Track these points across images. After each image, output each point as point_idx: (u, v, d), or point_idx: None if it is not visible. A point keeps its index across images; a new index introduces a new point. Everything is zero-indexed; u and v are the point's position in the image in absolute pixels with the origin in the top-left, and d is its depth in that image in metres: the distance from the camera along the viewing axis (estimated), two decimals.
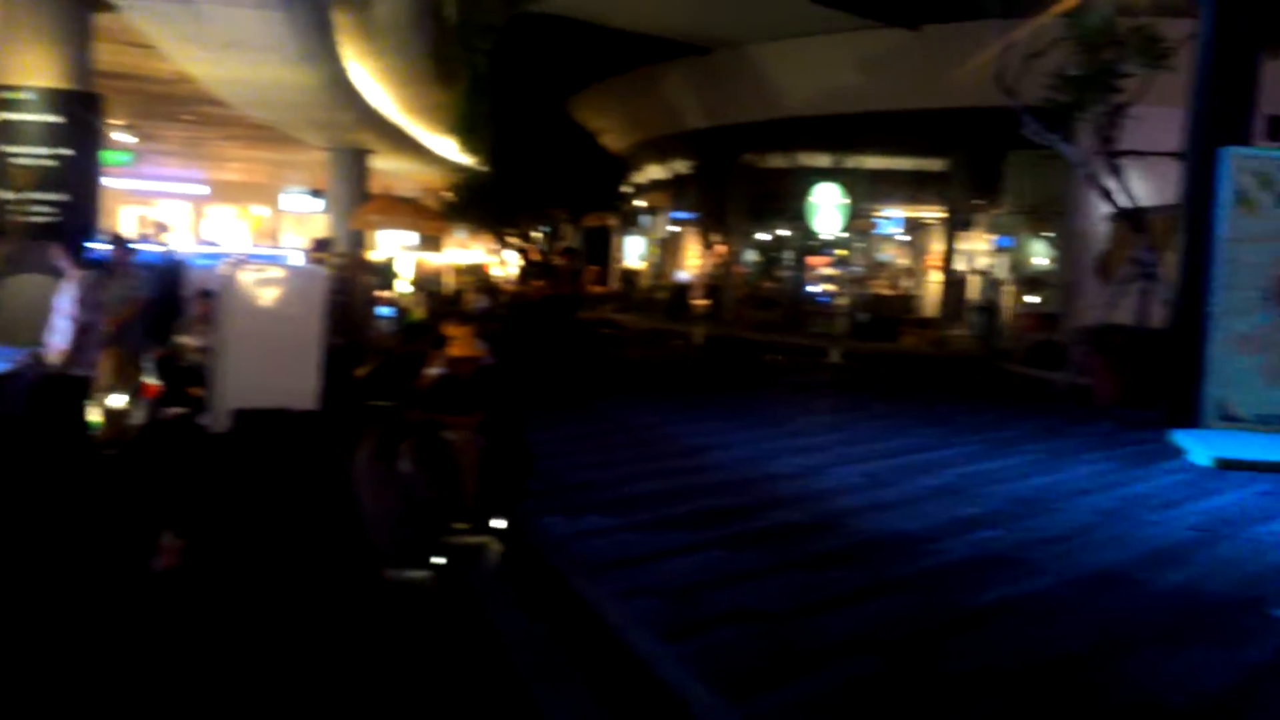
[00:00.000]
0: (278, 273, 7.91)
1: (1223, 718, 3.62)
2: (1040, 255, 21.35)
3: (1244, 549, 5.76)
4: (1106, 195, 12.38)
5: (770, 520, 6.16)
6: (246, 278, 7.58)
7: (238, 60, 16.08)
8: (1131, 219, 12.40)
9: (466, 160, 27.07)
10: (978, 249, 22.10)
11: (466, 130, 24.53)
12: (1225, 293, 9.42)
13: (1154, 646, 4.25)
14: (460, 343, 6.46)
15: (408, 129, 25.60)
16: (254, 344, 7.36)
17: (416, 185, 34.56)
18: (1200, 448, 8.49)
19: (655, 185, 27.62)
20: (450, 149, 27.48)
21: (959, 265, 21.73)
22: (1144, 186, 14.16)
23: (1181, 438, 9.04)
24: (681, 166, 25.50)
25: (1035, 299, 20.22)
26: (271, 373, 7.26)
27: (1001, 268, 21.62)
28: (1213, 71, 9.73)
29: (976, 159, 20.06)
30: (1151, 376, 10.68)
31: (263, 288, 7.53)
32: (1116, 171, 12.29)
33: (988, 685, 3.81)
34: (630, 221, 30.13)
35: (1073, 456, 8.56)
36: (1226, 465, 8.11)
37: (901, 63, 18.73)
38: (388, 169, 31.18)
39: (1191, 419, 9.54)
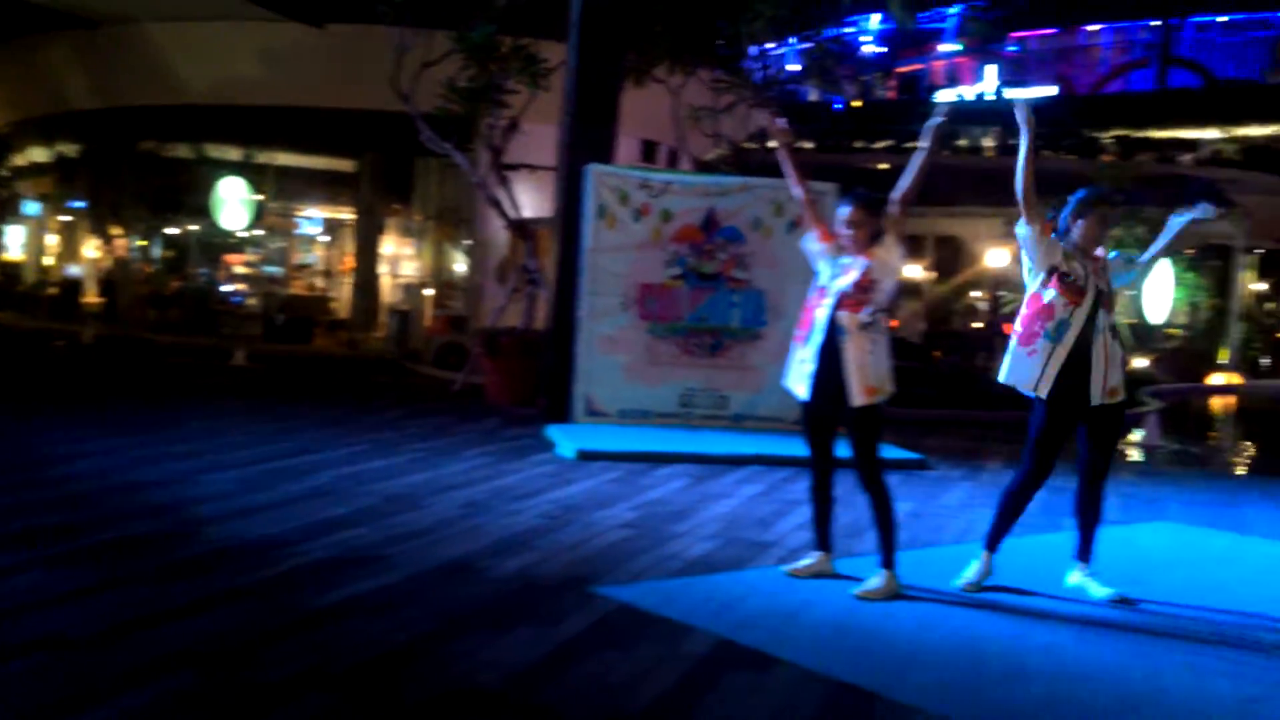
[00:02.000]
0: None
1: (524, 689, 3.86)
2: (453, 260, 22.15)
3: (582, 533, 6.28)
4: (496, 205, 13.08)
5: (117, 533, 5.68)
6: None
7: None
8: (519, 228, 13.21)
9: None
10: (393, 252, 22.44)
11: None
12: (591, 298, 10.32)
13: (481, 631, 4.45)
14: None
15: None
16: None
17: None
18: (567, 441, 9.19)
19: (41, 169, 24.81)
20: None
21: (375, 267, 21.90)
22: (535, 198, 15.18)
23: (553, 432, 9.75)
24: (70, 150, 23.13)
25: (450, 302, 20.93)
26: None
27: (416, 271, 22.13)
28: (579, 94, 10.62)
29: (387, 162, 20.33)
30: (535, 375, 11.44)
31: None
32: (506, 183, 13.03)
33: (310, 686, 3.75)
34: (10, 208, 26.79)
35: (454, 453, 8.88)
36: (588, 456, 8.85)
37: (309, 59, 18.47)
38: None
39: (565, 414, 10.34)
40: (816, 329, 5.35)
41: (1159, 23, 41.28)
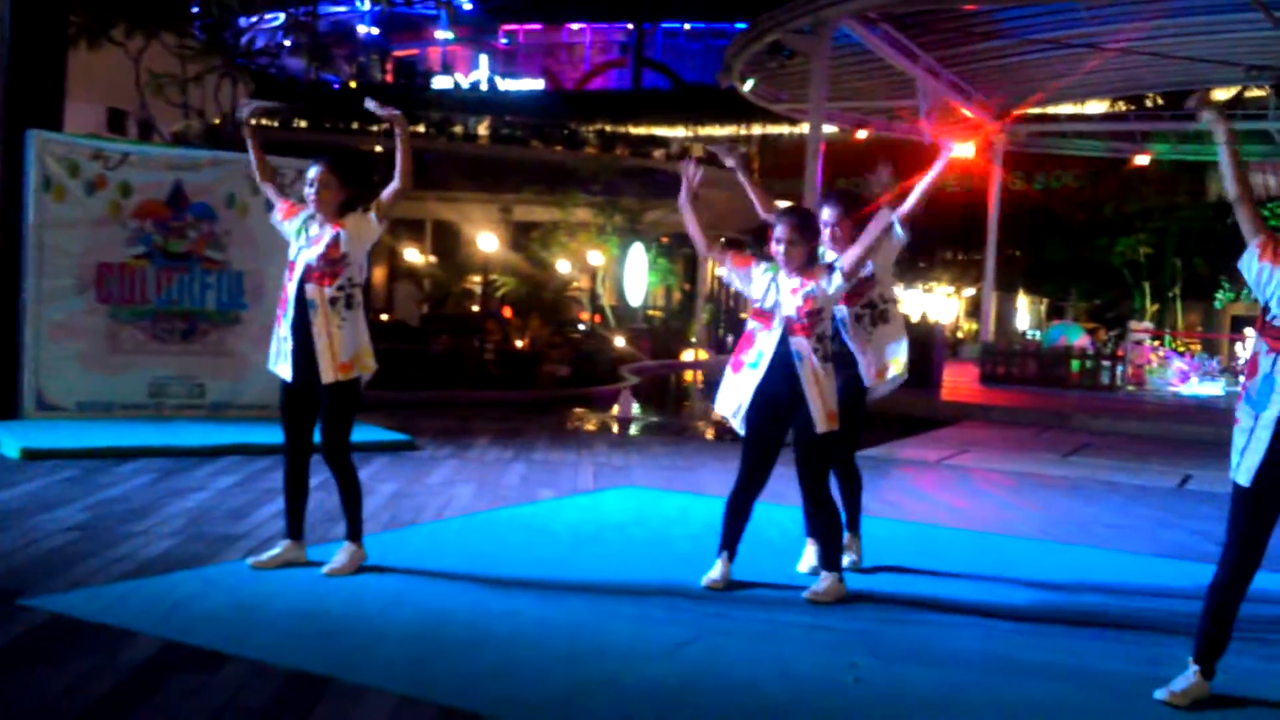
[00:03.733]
0: None
1: None
2: None
3: (16, 540, 5.58)
4: None
5: None
6: None
7: None
8: None
9: None
10: None
11: None
12: (38, 280, 9.23)
13: None
14: None
15: None
16: None
17: None
18: (9, 439, 8.16)
19: None
20: None
21: None
22: None
23: None
24: None
25: None
26: None
27: None
28: (13, 51, 9.42)
29: None
30: None
31: None
32: None
33: None
34: None
35: None
36: (34, 455, 7.92)
37: None
38: None
39: (13, 410, 9.20)
40: (290, 305, 5.16)
41: (632, 26, 44.61)
